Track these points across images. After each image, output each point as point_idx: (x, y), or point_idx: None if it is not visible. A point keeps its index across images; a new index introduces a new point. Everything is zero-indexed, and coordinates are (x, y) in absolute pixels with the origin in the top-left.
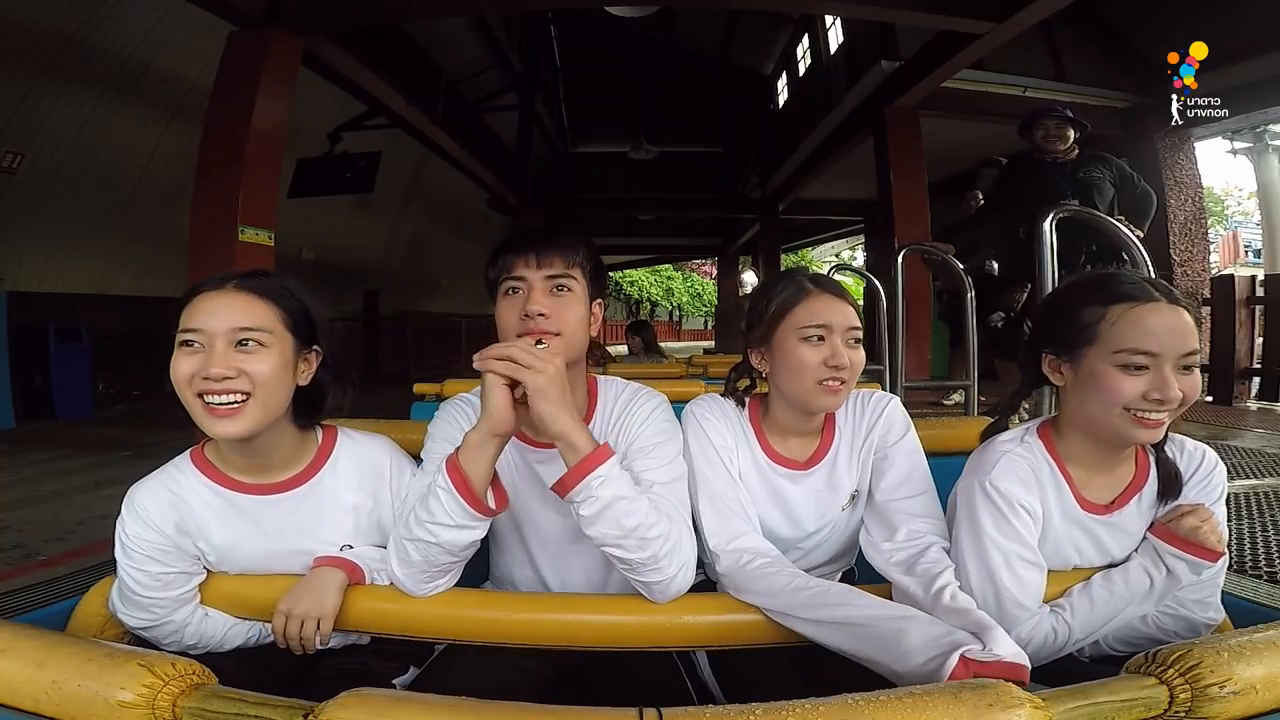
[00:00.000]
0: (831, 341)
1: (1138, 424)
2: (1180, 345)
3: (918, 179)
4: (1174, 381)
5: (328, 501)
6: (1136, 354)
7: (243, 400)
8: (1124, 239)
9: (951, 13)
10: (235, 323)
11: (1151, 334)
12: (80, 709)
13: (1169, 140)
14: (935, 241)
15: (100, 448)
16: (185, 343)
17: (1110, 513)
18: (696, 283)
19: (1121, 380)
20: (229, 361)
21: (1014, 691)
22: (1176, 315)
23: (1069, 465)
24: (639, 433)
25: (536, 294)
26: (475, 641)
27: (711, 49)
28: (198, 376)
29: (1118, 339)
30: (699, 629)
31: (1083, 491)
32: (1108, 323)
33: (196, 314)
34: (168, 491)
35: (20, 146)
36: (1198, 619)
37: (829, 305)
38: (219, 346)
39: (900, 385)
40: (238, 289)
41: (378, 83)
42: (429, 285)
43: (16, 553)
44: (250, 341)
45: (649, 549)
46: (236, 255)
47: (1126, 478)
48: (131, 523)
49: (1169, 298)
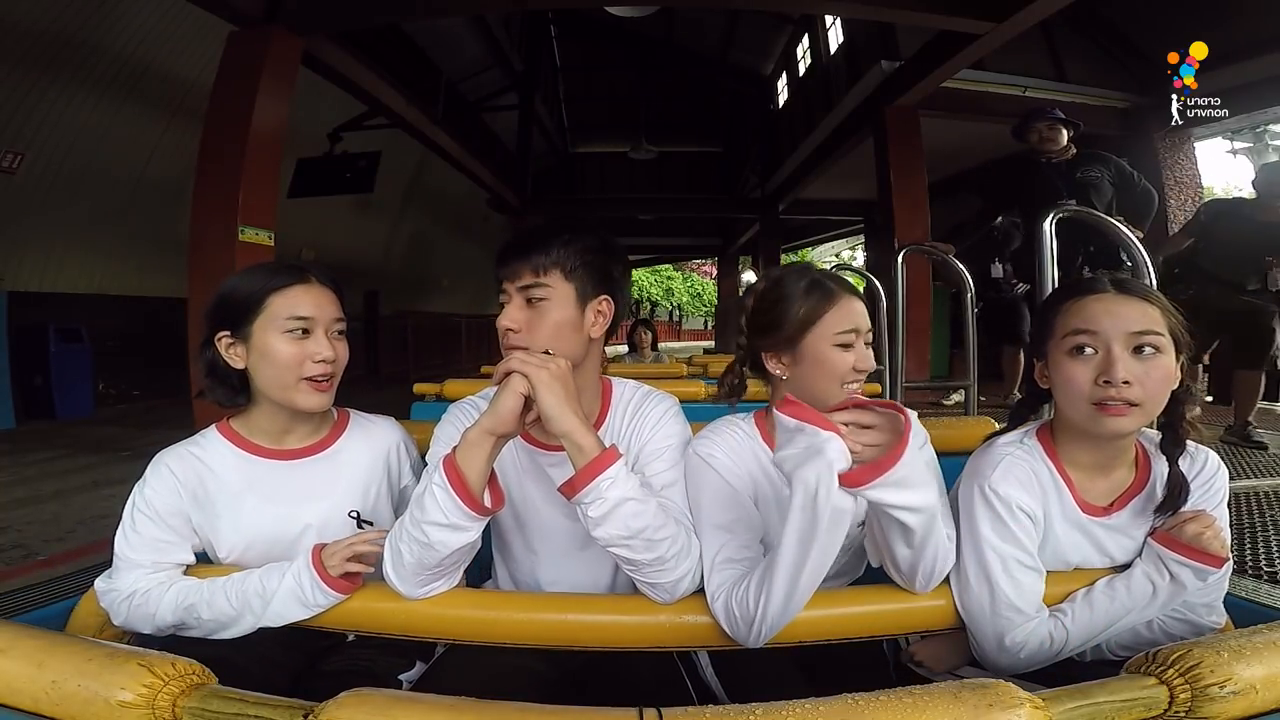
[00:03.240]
0: (858, 347)
1: (1102, 413)
2: (1124, 325)
3: (918, 179)
4: (1121, 363)
5: (342, 467)
6: (1077, 334)
7: (333, 379)
8: (1123, 238)
9: (951, 13)
10: (335, 313)
11: (1090, 316)
12: (80, 709)
13: (1169, 140)
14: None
15: (100, 448)
16: (292, 330)
17: (1109, 515)
18: (696, 283)
19: (1072, 367)
20: (333, 346)
21: (1014, 691)
22: (1122, 300)
23: (1068, 468)
24: (651, 435)
25: (511, 307)
26: (476, 642)
27: (711, 49)
28: (309, 359)
29: (1064, 325)
30: (700, 629)
31: (1082, 494)
32: (1060, 315)
33: (302, 303)
34: (194, 457)
35: (20, 146)
36: (1204, 623)
37: (857, 308)
38: (323, 333)
39: (900, 385)
40: (320, 283)
41: (378, 83)
42: (429, 285)
43: (17, 553)
44: (339, 330)
45: (656, 550)
46: (236, 255)
47: (1125, 481)
48: (154, 480)
49: (1119, 289)
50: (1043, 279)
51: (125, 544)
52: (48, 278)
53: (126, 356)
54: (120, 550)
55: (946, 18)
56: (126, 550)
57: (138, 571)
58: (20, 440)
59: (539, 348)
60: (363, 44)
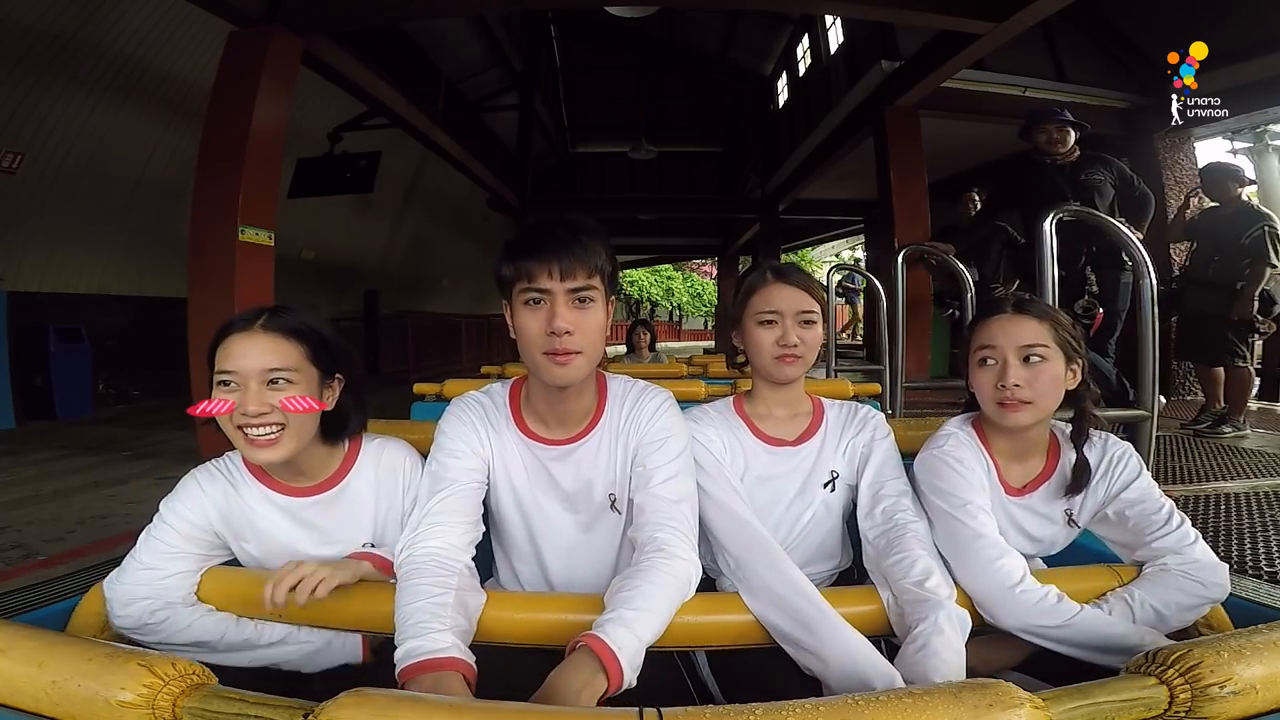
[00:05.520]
0: (783, 324)
1: (1002, 409)
2: (1015, 340)
3: (918, 179)
4: (1014, 371)
5: (352, 504)
6: (982, 349)
7: (278, 431)
8: (1125, 239)
9: (951, 13)
10: (266, 364)
11: (991, 334)
12: (80, 709)
13: (1169, 140)
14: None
15: (100, 448)
16: (222, 383)
17: (1023, 495)
18: (696, 283)
19: (981, 374)
20: (263, 399)
21: (1014, 691)
22: (1016, 320)
23: (995, 453)
24: (648, 428)
25: (560, 308)
26: (476, 641)
27: (712, 49)
28: (237, 413)
29: (975, 342)
30: (699, 629)
31: (1005, 476)
32: (973, 334)
33: (230, 356)
34: (226, 481)
35: (20, 147)
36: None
37: (781, 292)
38: (253, 386)
39: (900, 385)
40: (265, 330)
41: (378, 83)
42: (429, 285)
43: (16, 553)
44: (280, 380)
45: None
46: (237, 255)
47: (1038, 467)
48: (184, 495)
49: (1017, 309)
50: (1042, 279)
51: (145, 548)
52: (47, 278)
53: (126, 356)
54: (137, 553)
55: (946, 18)
56: (144, 554)
57: (149, 574)
58: (20, 440)
59: (590, 348)
60: (363, 44)
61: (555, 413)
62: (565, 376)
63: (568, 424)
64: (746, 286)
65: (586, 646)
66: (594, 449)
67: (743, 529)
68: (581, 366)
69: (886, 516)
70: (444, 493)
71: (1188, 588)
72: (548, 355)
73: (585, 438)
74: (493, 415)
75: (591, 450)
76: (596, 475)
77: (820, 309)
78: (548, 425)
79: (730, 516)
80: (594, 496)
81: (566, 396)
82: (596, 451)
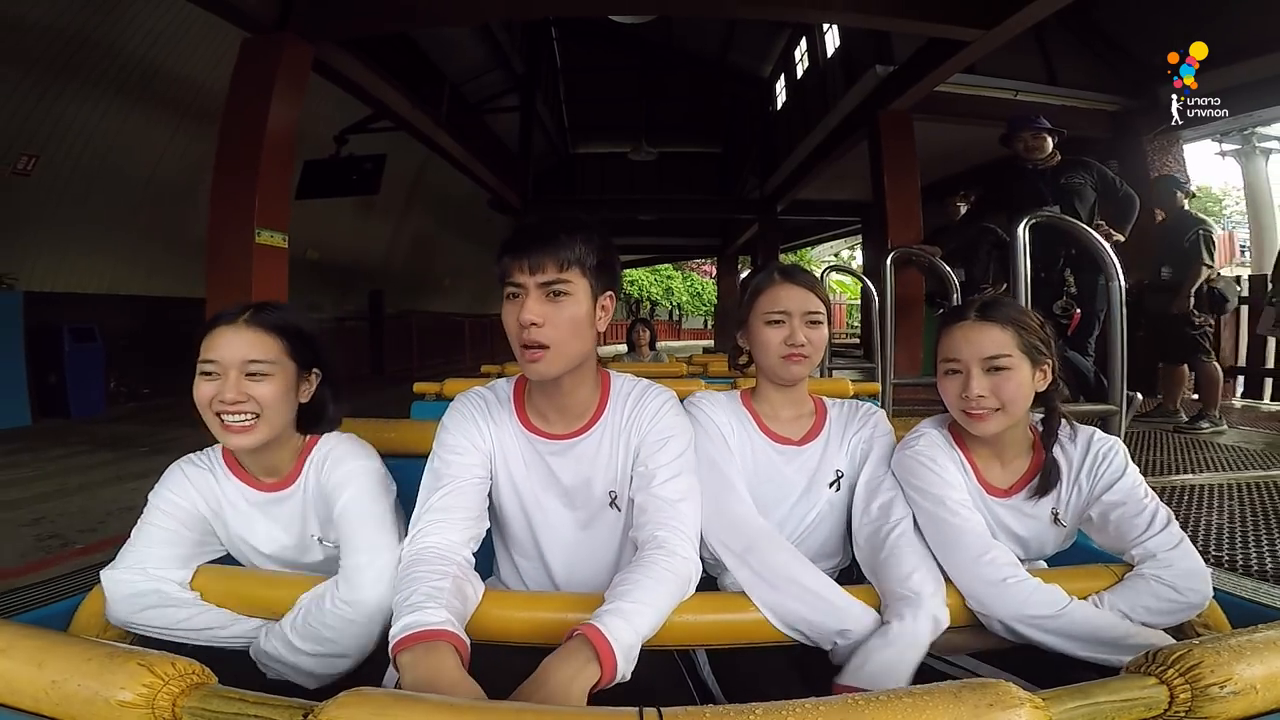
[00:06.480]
0: (790, 324)
1: (969, 419)
2: (978, 351)
3: (911, 181)
4: (977, 382)
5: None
6: (947, 361)
7: (253, 419)
8: (1093, 243)
9: (942, 21)
10: (245, 355)
11: (954, 346)
12: (80, 709)
13: (1157, 143)
14: (924, 243)
15: (117, 444)
16: (204, 371)
17: (1009, 496)
18: (696, 282)
19: (946, 383)
20: (240, 388)
21: (1014, 691)
22: (979, 329)
23: (973, 454)
24: (650, 427)
25: (530, 301)
26: (475, 640)
27: (711, 51)
28: (215, 400)
29: (941, 353)
30: (699, 628)
31: (986, 477)
32: (939, 342)
33: (213, 346)
34: (208, 471)
35: (34, 149)
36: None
37: (789, 293)
38: (232, 376)
39: (889, 381)
40: (248, 324)
41: (383, 86)
42: (432, 285)
43: (54, 542)
44: (258, 372)
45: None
46: (254, 256)
47: (1022, 468)
48: (172, 484)
49: (980, 315)
50: (1016, 282)
51: (138, 537)
52: (61, 278)
53: (137, 355)
54: (131, 542)
55: (937, 25)
56: (138, 543)
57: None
58: (37, 438)
59: (560, 342)
60: (369, 49)
61: (553, 406)
62: (538, 371)
63: (567, 418)
64: (754, 287)
65: (582, 635)
66: (594, 445)
67: (751, 515)
68: (553, 360)
69: (882, 512)
70: (445, 489)
71: (1162, 594)
72: (523, 349)
73: (586, 433)
74: (494, 408)
75: (592, 446)
76: (596, 472)
77: (825, 309)
78: (548, 419)
79: (739, 500)
80: (593, 493)
81: (560, 390)
82: (597, 448)
